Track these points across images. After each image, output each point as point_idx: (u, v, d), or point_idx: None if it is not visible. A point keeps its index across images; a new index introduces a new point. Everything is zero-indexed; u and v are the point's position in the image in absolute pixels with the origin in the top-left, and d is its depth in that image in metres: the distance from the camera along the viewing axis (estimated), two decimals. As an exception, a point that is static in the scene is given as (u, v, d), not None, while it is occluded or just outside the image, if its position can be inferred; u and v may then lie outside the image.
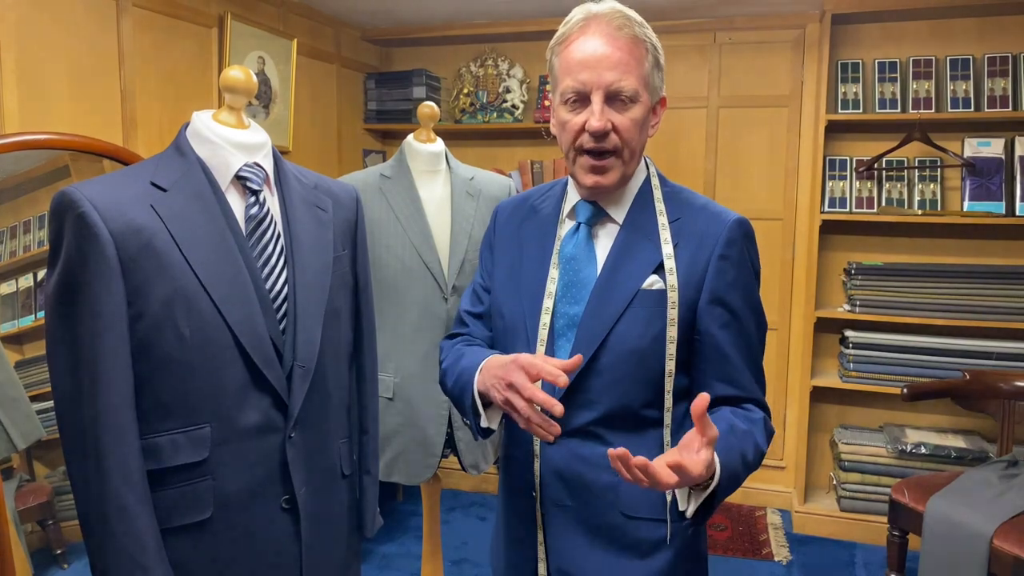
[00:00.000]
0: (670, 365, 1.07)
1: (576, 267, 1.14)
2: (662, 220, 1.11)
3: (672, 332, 1.06)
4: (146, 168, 1.12)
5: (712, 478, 0.96)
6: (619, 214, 1.15)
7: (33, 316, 1.85)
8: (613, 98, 1.06)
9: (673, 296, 1.07)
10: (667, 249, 1.08)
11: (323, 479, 1.22)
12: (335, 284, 1.23)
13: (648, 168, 1.18)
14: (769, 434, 1.09)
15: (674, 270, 1.07)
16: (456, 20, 3.39)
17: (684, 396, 1.10)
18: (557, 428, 1.01)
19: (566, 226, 1.18)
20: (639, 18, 1.10)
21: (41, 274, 1.88)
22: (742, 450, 1.02)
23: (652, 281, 1.08)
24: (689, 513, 1.00)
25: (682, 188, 1.19)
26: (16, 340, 1.82)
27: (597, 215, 1.15)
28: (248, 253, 1.12)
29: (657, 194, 1.14)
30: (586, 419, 1.10)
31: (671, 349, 1.07)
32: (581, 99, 1.08)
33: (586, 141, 1.08)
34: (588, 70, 1.06)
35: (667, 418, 1.09)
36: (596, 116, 1.05)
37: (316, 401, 1.19)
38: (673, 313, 1.07)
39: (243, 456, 1.11)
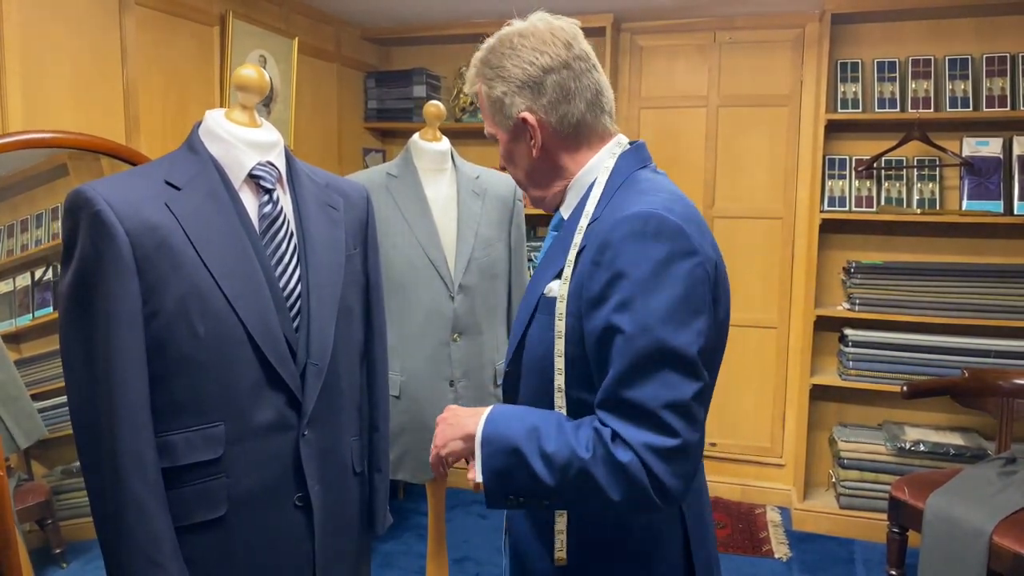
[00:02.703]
0: (559, 380, 0.98)
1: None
2: (583, 222, 1.00)
3: (559, 345, 0.97)
4: (160, 167, 1.12)
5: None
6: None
7: (31, 315, 1.85)
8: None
9: (561, 306, 0.97)
10: (571, 254, 0.98)
11: (335, 477, 1.22)
12: (347, 282, 1.23)
13: (609, 166, 1.06)
14: (602, 448, 0.88)
15: (569, 277, 0.97)
16: (456, 19, 3.39)
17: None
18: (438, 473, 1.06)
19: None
20: (482, 54, 1.08)
21: (39, 273, 1.87)
22: (534, 427, 0.92)
23: (551, 287, 1.00)
24: (477, 478, 0.95)
25: (640, 182, 1.02)
26: (14, 339, 1.81)
27: (559, 222, 1.12)
28: (262, 252, 1.13)
29: (596, 192, 1.02)
30: None
31: (559, 363, 0.97)
32: None
33: None
34: None
35: None
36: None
37: (329, 399, 1.19)
38: (560, 325, 0.97)
39: (257, 454, 1.11)
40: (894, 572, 2.49)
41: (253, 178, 1.15)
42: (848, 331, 3.09)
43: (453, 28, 3.43)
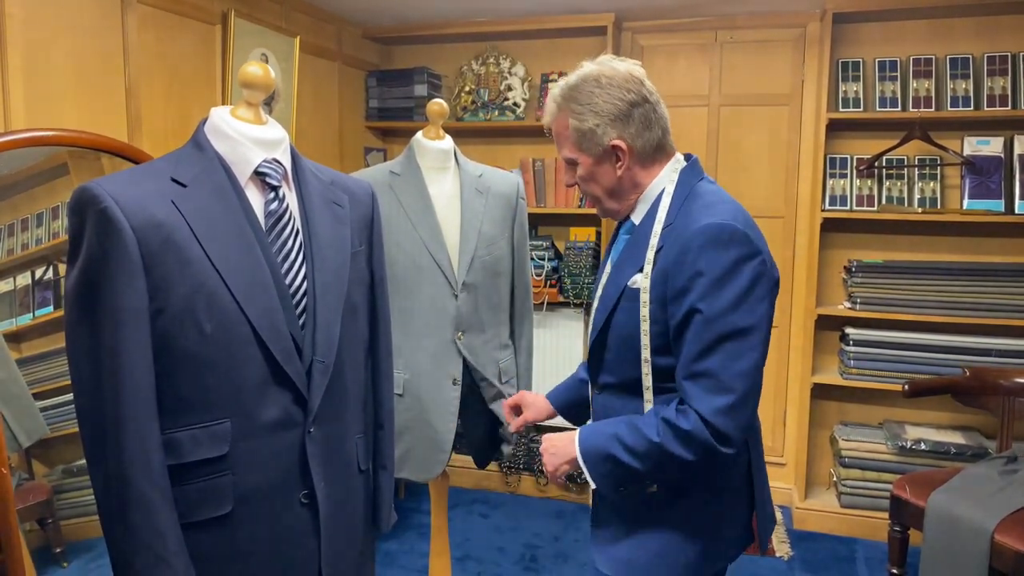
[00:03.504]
0: (645, 353, 1.25)
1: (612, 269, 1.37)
2: (657, 227, 1.24)
3: (644, 326, 1.23)
4: (166, 164, 1.11)
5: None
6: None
7: (31, 314, 1.85)
8: (568, 163, 1.33)
9: (645, 296, 1.22)
10: (650, 254, 1.23)
11: (341, 474, 1.22)
12: (352, 280, 1.23)
13: (674, 179, 1.29)
14: (668, 428, 1.17)
15: (649, 273, 1.22)
16: (457, 18, 3.40)
17: (669, 376, 1.24)
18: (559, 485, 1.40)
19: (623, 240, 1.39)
20: (566, 91, 1.28)
21: (40, 272, 1.87)
22: (614, 433, 1.23)
23: (635, 280, 1.25)
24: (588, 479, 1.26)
25: (704, 195, 1.25)
26: (14, 338, 1.81)
27: (630, 227, 1.34)
28: (268, 248, 1.12)
29: (665, 201, 1.26)
30: (607, 381, 1.35)
31: (644, 339, 1.24)
32: None
33: None
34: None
35: (647, 394, 1.28)
36: (564, 177, 1.36)
37: (334, 396, 1.19)
38: (645, 310, 1.23)
39: (263, 451, 1.11)
40: (896, 571, 2.49)
41: (259, 175, 1.15)
42: (849, 330, 3.09)
43: (454, 27, 3.43)
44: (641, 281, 1.23)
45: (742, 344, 1.14)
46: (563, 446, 1.28)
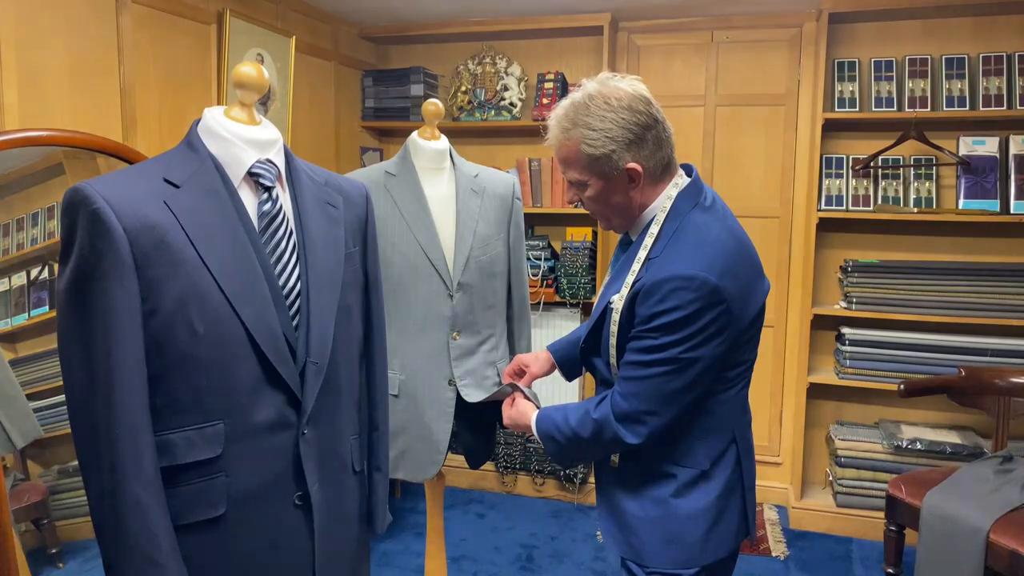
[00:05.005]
0: (612, 360, 1.35)
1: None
2: (642, 254, 1.30)
3: (612, 340, 1.33)
4: (158, 164, 1.11)
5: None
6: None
7: (27, 315, 1.84)
8: (574, 184, 1.35)
9: (616, 316, 1.31)
10: (629, 278, 1.30)
11: (335, 475, 1.22)
12: (347, 281, 1.23)
13: (667, 206, 1.31)
14: (588, 421, 1.32)
15: (624, 296, 1.30)
16: (454, 18, 3.39)
17: None
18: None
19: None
20: (573, 115, 1.28)
21: (35, 272, 1.87)
22: (555, 419, 1.39)
23: (613, 299, 1.32)
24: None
25: (692, 230, 1.27)
26: (10, 339, 1.80)
27: (628, 242, 1.42)
28: (261, 250, 1.12)
29: (653, 230, 1.30)
30: (594, 375, 1.49)
31: (612, 351, 1.34)
32: None
33: None
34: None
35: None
36: (567, 195, 1.39)
37: (328, 397, 1.19)
38: (614, 327, 1.32)
39: (257, 453, 1.11)
40: (891, 570, 2.49)
41: (252, 176, 1.15)
42: (845, 330, 3.10)
43: (451, 27, 3.43)
44: (617, 302, 1.31)
45: (677, 372, 1.24)
46: (522, 420, 1.47)
